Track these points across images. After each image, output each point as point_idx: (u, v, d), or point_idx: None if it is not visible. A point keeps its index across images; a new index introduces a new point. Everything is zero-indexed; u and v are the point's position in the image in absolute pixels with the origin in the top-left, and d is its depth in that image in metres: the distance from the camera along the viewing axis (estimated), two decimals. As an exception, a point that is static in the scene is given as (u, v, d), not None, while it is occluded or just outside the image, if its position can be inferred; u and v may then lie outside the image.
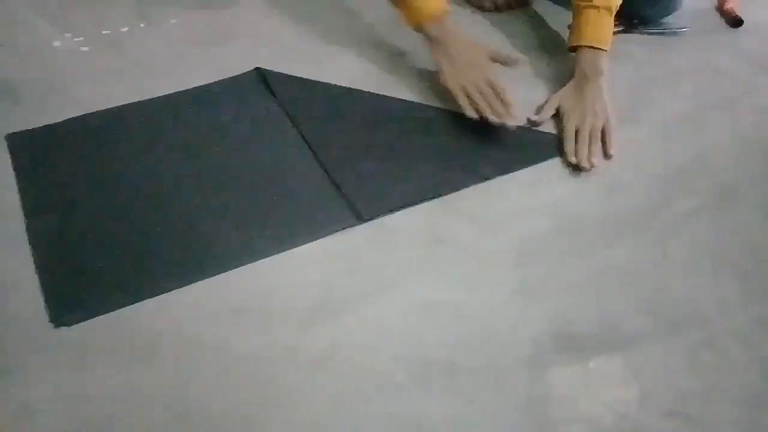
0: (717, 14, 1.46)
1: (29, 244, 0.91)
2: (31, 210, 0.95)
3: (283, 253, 0.92)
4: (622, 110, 1.19)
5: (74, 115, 1.10)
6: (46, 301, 0.85)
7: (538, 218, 1.00)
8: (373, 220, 0.97)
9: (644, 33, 1.38)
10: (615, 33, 1.34)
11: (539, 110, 1.17)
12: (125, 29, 1.32)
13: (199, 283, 0.88)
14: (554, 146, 1.11)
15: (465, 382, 0.80)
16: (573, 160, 1.08)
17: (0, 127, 1.07)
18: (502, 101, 1.11)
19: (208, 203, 0.98)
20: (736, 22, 1.41)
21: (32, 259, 0.89)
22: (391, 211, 0.99)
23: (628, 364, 0.83)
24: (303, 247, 0.93)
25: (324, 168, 1.04)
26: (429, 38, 1.18)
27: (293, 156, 1.06)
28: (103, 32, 1.31)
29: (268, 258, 0.92)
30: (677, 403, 0.80)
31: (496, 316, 0.87)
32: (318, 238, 0.95)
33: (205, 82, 1.19)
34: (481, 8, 1.43)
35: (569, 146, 1.10)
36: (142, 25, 1.33)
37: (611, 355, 0.84)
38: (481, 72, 1.14)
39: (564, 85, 1.19)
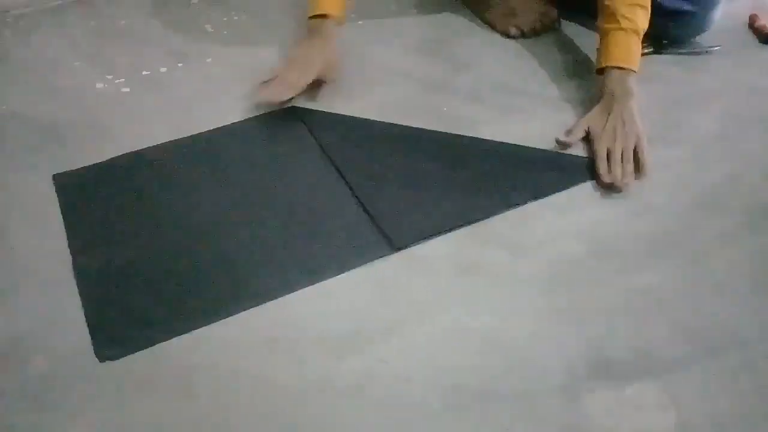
0: (748, 32, 1.45)
1: (75, 281, 0.94)
2: (77, 248, 0.99)
3: (317, 284, 0.94)
4: (654, 131, 1.18)
5: (117, 154, 1.15)
6: (92, 336, 0.88)
7: (570, 243, 1.00)
8: (405, 249, 0.99)
9: (675, 53, 1.37)
10: (645, 54, 1.35)
11: (568, 133, 1.17)
12: (164, 69, 1.36)
13: (234, 315, 0.90)
14: (585, 170, 1.11)
15: (499, 410, 0.80)
16: (607, 179, 1.08)
17: (46, 168, 1.12)
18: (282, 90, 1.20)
19: (246, 237, 1.01)
20: (767, 38, 1.39)
21: (78, 295, 0.93)
22: (424, 239, 1.00)
23: (665, 390, 0.82)
24: (335, 277, 0.95)
25: (357, 198, 1.06)
26: (308, 32, 1.28)
27: (328, 188, 1.09)
28: (143, 73, 1.35)
29: (302, 289, 0.94)
30: (716, 429, 0.78)
31: (530, 343, 0.87)
32: (352, 268, 0.96)
33: (243, 118, 1.23)
34: (507, 35, 1.44)
35: (602, 167, 1.10)
36: (180, 64, 1.38)
37: (648, 381, 0.83)
38: (303, 72, 1.22)
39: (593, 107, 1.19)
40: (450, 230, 1.01)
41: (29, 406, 0.81)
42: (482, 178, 1.10)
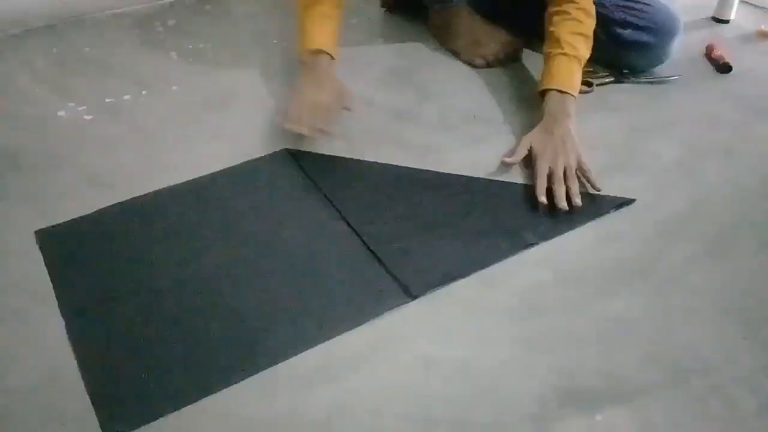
0: (706, 62, 1.49)
1: (71, 347, 0.87)
2: (70, 310, 0.91)
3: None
4: (616, 159, 1.21)
5: (78, 182, 1.12)
6: (94, 406, 0.80)
7: (537, 271, 1.00)
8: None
9: (635, 83, 1.40)
10: (606, 83, 1.38)
11: (511, 153, 1.19)
12: (127, 97, 1.35)
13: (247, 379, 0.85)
14: (602, 207, 1.10)
15: (471, 440, 0.80)
16: (542, 199, 1.09)
17: (7, 198, 1.09)
18: (322, 128, 1.16)
19: (251, 292, 0.94)
20: (724, 68, 1.44)
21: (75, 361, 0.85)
22: (441, 285, 0.97)
23: (635, 416, 0.82)
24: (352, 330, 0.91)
25: (367, 246, 1.01)
26: (304, 67, 1.26)
27: (334, 235, 1.04)
28: (106, 100, 1.34)
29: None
30: (687, 455, 0.79)
31: (500, 372, 0.87)
32: (368, 320, 0.92)
33: (209, 147, 1.21)
34: (473, 65, 1.46)
35: (541, 184, 1.11)
36: (144, 92, 1.37)
37: (617, 408, 0.83)
38: (325, 108, 1.19)
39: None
40: (467, 275, 0.98)
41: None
42: (491, 219, 1.07)
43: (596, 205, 1.10)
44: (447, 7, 1.49)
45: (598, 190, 1.11)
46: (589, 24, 1.26)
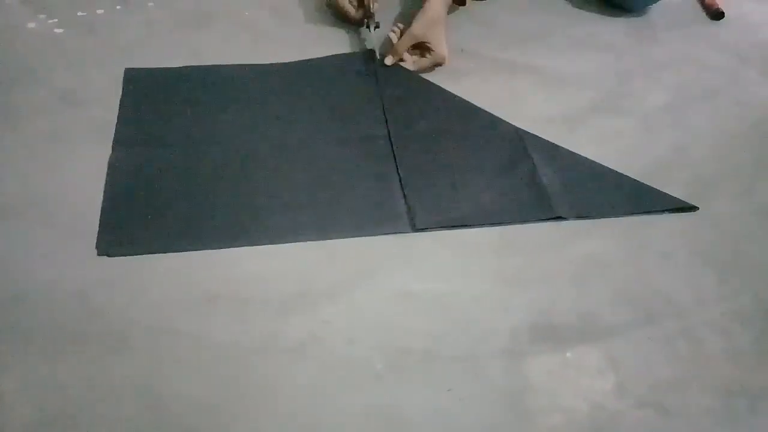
0: (699, 7, 1.46)
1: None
2: (119, 143, 1.02)
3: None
4: (604, 100, 1.19)
5: (48, 97, 1.08)
6: (99, 227, 0.89)
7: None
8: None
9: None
10: None
11: None
12: (101, 11, 1.29)
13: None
14: (653, 199, 1.02)
15: (443, 371, 0.80)
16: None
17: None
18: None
19: (274, 175, 0.99)
20: (717, 14, 1.41)
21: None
22: (446, 227, 0.95)
23: (604, 354, 0.83)
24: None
25: (397, 166, 1.02)
26: None
27: (371, 147, 1.05)
28: (78, 14, 1.27)
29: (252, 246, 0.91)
30: (653, 393, 0.80)
31: (475, 306, 0.87)
32: (365, 235, 0.93)
33: (186, 65, 1.17)
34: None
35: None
36: (118, 7, 1.30)
37: (588, 346, 0.84)
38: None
39: None
40: (477, 226, 0.96)
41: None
42: (528, 178, 1.02)
43: (649, 200, 1.02)
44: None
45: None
46: None
